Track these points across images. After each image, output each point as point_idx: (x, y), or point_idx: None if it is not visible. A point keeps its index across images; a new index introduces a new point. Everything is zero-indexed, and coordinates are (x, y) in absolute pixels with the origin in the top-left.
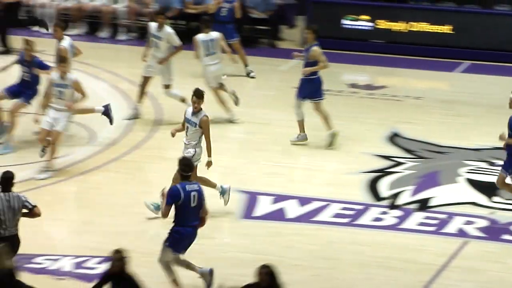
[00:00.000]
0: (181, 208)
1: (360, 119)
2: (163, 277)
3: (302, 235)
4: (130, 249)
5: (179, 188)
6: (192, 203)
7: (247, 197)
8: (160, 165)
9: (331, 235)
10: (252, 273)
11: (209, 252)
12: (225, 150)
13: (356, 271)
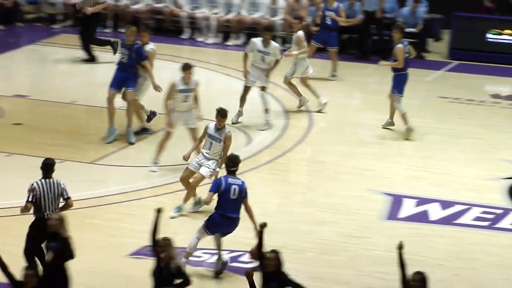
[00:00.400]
0: (221, 198)
1: (501, 128)
2: (313, 273)
3: (444, 237)
4: (281, 246)
5: (222, 179)
6: (232, 195)
7: (391, 199)
8: (310, 167)
9: (471, 237)
10: (394, 271)
11: (355, 250)
12: (370, 154)
13: (495, 271)
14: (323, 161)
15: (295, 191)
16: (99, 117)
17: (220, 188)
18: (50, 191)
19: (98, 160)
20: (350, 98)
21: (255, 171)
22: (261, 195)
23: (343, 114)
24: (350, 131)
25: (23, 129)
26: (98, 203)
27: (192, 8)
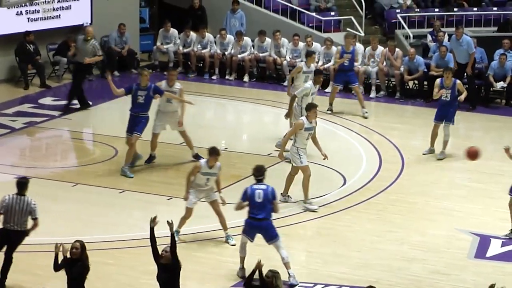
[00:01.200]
0: (249, 203)
1: None
2: None
3: None
4: (374, 281)
5: (248, 188)
6: (257, 198)
7: (480, 239)
8: (403, 207)
9: None
10: None
11: (443, 286)
12: (459, 196)
13: None
14: (415, 202)
15: (388, 229)
16: (205, 157)
17: (246, 195)
18: (19, 207)
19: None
20: (440, 142)
21: (350, 210)
22: (356, 233)
23: (434, 158)
24: (440, 174)
25: (135, 167)
26: (203, 237)
27: (292, 57)
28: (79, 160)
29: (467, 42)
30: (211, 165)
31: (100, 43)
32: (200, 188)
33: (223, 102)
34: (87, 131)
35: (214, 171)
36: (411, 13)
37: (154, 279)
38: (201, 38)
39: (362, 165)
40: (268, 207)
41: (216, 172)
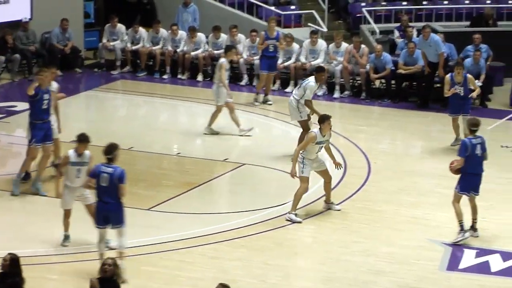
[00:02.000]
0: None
1: None
2: None
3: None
4: None
5: (96, 167)
6: (102, 182)
7: (452, 250)
8: (370, 216)
9: None
10: None
11: None
12: (430, 204)
13: None
14: (382, 210)
15: (354, 240)
16: (157, 163)
17: (94, 175)
18: None
19: (155, 206)
20: (411, 146)
21: (314, 219)
22: (320, 244)
23: (402, 162)
24: (410, 180)
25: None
26: (154, 250)
27: (250, 55)
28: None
29: (435, 42)
30: (80, 153)
31: (41, 40)
32: (72, 185)
33: (175, 103)
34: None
35: (84, 159)
36: (377, 7)
37: None
38: (155, 33)
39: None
40: (113, 191)
41: (87, 161)
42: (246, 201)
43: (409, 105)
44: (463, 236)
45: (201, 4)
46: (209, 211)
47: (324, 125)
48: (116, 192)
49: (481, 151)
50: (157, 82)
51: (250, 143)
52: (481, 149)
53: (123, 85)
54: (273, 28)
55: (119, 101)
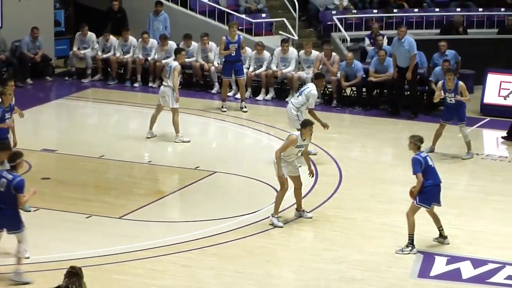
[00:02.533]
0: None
1: None
2: None
3: None
4: None
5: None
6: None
7: (423, 257)
8: (341, 223)
9: None
10: None
11: None
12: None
13: None
14: (354, 218)
15: (326, 248)
16: (128, 172)
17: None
18: None
19: (126, 215)
20: (382, 154)
21: (285, 227)
22: (291, 252)
23: (374, 170)
24: (381, 187)
25: (51, 183)
26: (126, 258)
27: (221, 63)
28: None
29: (409, 43)
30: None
31: (11, 48)
32: None
33: (146, 111)
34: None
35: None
36: (348, 14)
37: None
38: (124, 42)
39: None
40: (8, 197)
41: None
42: (217, 209)
43: (380, 112)
44: (410, 251)
45: (172, 12)
46: (180, 220)
47: (305, 130)
48: (10, 200)
49: (432, 161)
50: (128, 90)
51: (221, 151)
52: (431, 159)
53: (94, 94)
54: (234, 32)
55: (90, 109)
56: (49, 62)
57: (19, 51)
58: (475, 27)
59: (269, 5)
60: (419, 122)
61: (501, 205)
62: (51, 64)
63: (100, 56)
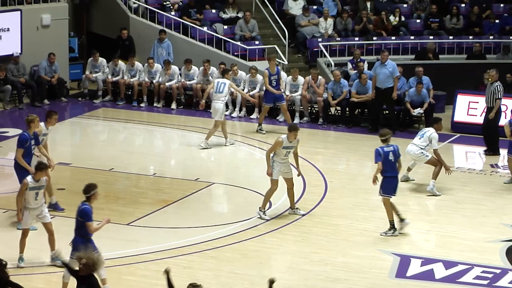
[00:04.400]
0: None
1: (500, 195)
2: None
3: None
4: None
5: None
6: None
7: (400, 259)
8: (327, 229)
9: None
10: None
11: None
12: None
13: None
14: (338, 224)
15: (313, 251)
16: (135, 183)
17: None
18: None
19: (133, 222)
20: (363, 167)
21: (276, 232)
22: (282, 255)
23: (356, 181)
24: (362, 197)
25: (65, 193)
26: (133, 261)
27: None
28: (10, 187)
29: (392, 66)
30: (38, 179)
31: (30, 72)
32: (31, 206)
33: (151, 128)
34: None
35: (42, 183)
36: (332, 42)
37: None
38: (131, 66)
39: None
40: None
41: (44, 185)
42: (215, 216)
43: (361, 129)
44: (393, 234)
45: (175, 40)
46: (182, 226)
47: (290, 133)
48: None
49: (394, 157)
50: (135, 110)
51: (219, 164)
52: (393, 155)
53: (104, 113)
54: (274, 65)
55: (100, 127)
56: (64, 85)
57: (37, 74)
58: (446, 53)
59: (262, 33)
60: (396, 138)
61: (470, 213)
62: (66, 86)
63: (110, 79)
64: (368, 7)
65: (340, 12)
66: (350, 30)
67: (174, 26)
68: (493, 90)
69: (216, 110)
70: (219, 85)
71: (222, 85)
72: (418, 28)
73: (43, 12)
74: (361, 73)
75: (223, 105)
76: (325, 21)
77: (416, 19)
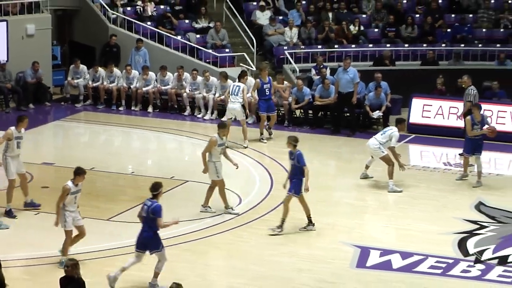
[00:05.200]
0: None
1: (452, 191)
2: None
3: (405, 283)
4: None
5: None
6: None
7: (360, 250)
8: (293, 223)
9: (428, 283)
10: None
11: None
12: (342, 213)
13: None
14: (303, 218)
15: (280, 243)
16: (114, 181)
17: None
18: None
19: (113, 217)
20: (326, 165)
21: (246, 226)
22: (252, 247)
23: (320, 179)
24: (325, 193)
25: (49, 191)
26: (114, 253)
27: (192, 90)
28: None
29: (353, 72)
30: (77, 183)
31: (16, 79)
32: (71, 209)
33: (129, 130)
34: None
35: (80, 188)
36: (297, 49)
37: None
38: (110, 73)
39: (256, 186)
40: (150, 222)
41: (81, 189)
42: (189, 212)
43: (324, 131)
44: (279, 232)
45: (151, 48)
46: None
47: (220, 131)
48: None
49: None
50: (114, 113)
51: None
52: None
53: (85, 116)
54: (266, 74)
55: (82, 129)
56: (48, 90)
57: (23, 80)
58: (402, 60)
59: (232, 42)
60: (356, 138)
61: (425, 208)
62: (49, 92)
63: (90, 85)
64: (329, 18)
65: (304, 22)
66: (313, 39)
67: (150, 35)
68: (466, 94)
69: (234, 110)
70: (234, 87)
71: (237, 88)
72: (376, 37)
73: (28, 23)
74: (324, 79)
75: (239, 106)
76: (290, 30)
77: (374, 28)
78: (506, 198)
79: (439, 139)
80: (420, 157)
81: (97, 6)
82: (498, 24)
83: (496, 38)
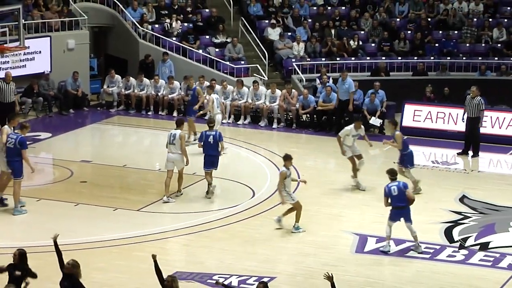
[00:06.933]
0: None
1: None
2: None
3: (398, 265)
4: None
5: (386, 186)
6: (393, 192)
7: (359, 238)
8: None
9: (418, 266)
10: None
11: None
12: (343, 204)
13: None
14: (308, 209)
15: (288, 231)
16: (143, 176)
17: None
18: None
19: (142, 208)
20: (327, 163)
21: (258, 216)
22: (263, 235)
23: (322, 175)
24: (327, 187)
25: (87, 185)
26: (142, 240)
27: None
28: (42, 180)
29: (349, 83)
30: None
31: (58, 87)
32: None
33: (156, 132)
34: (48, 157)
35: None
36: (304, 61)
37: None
38: (140, 82)
39: (267, 181)
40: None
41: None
42: (209, 204)
43: (327, 133)
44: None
45: (175, 60)
46: (182, 211)
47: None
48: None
49: (214, 140)
50: (144, 117)
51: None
52: (213, 138)
53: (118, 120)
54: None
55: (115, 131)
56: (86, 97)
57: (64, 89)
58: (396, 71)
59: (247, 55)
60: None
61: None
62: (87, 98)
63: (123, 92)
64: (332, 34)
65: (310, 37)
66: (318, 52)
67: (175, 49)
68: (476, 104)
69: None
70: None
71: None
72: (373, 51)
73: (68, 38)
74: (325, 86)
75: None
76: (298, 45)
77: (371, 43)
78: (487, 193)
79: (428, 140)
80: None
81: (129, 23)
82: (480, 39)
83: (478, 52)
